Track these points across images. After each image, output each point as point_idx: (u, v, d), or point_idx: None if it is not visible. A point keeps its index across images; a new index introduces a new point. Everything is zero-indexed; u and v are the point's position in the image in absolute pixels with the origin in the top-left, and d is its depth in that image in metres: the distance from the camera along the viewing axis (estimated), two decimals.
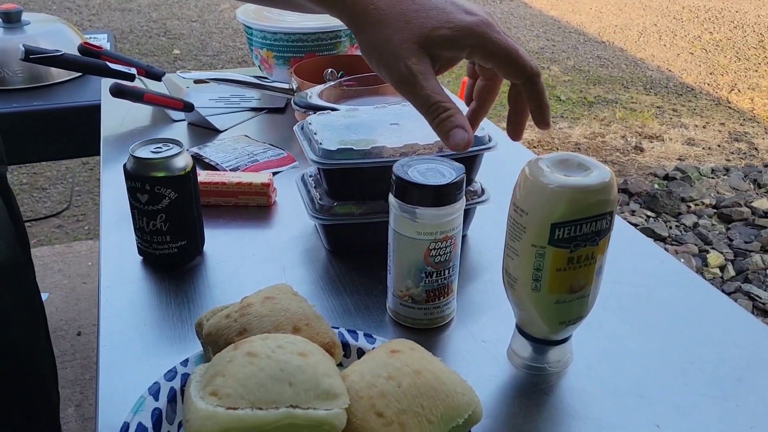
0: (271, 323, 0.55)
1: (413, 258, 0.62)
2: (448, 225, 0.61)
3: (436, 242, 0.61)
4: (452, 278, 0.65)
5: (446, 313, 0.66)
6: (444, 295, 0.65)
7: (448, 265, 0.63)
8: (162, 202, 0.70)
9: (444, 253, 0.62)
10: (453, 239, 0.62)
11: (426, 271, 0.63)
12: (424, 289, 0.64)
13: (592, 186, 0.52)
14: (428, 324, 0.66)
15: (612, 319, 0.67)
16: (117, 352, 0.63)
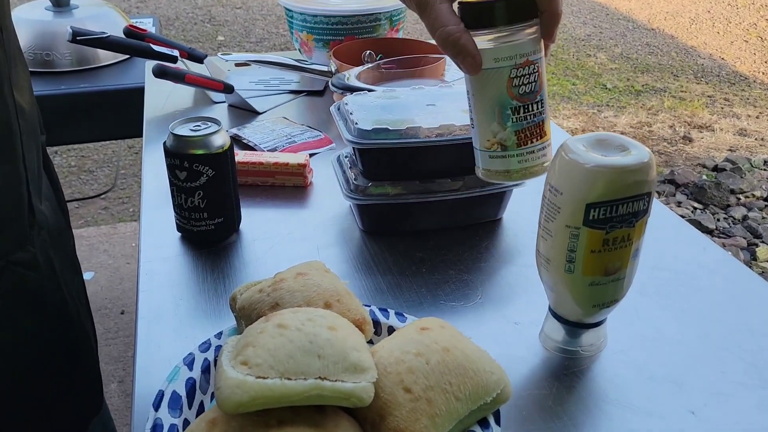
0: (302, 298, 0.56)
1: (495, 94, 0.56)
2: (528, 47, 0.54)
3: (518, 68, 0.54)
4: (544, 116, 0.57)
5: (542, 160, 0.58)
6: (537, 137, 0.57)
7: (536, 98, 0.56)
8: (200, 179, 0.72)
9: (529, 82, 0.55)
10: (536, 66, 0.55)
11: (512, 106, 0.55)
12: (512, 130, 0.56)
13: (629, 166, 0.51)
14: (525, 174, 0.58)
15: (649, 304, 0.66)
16: (154, 324, 0.64)
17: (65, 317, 0.77)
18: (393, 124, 0.72)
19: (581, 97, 3.59)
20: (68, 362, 0.79)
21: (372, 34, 1.21)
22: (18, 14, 1.52)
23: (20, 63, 0.72)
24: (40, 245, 0.72)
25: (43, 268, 0.72)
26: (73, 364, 0.80)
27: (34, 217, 0.71)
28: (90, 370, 0.83)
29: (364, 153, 0.74)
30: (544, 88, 0.56)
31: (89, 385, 0.84)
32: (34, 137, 0.73)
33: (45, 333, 0.74)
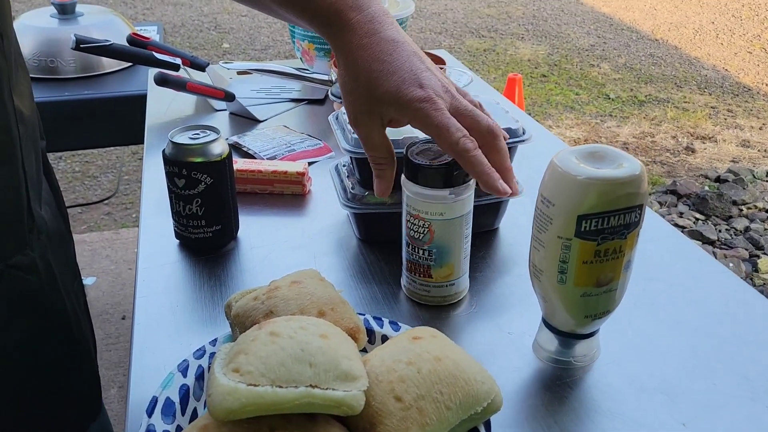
0: (296, 306, 0.56)
1: (402, 226, 0.67)
2: (418, 205, 0.63)
3: (409, 215, 0.64)
4: (431, 263, 0.65)
5: (423, 293, 0.68)
6: (421, 274, 0.66)
7: (423, 246, 0.64)
8: (198, 186, 0.72)
9: (417, 231, 0.64)
10: (427, 223, 0.63)
11: (406, 240, 0.66)
12: (405, 258, 0.68)
13: (621, 178, 0.51)
14: (410, 294, 0.69)
15: (642, 315, 0.66)
16: (150, 330, 0.65)
17: (64, 322, 0.78)
18: (390, 133, 0.72)
19: (584, 107, 3.59)
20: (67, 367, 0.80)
21: None
22: (23, 21, 1.54)
23: (21, 69, 0.72)
24: (40, 249, 0.73)
25: (42, 273, 0.72)
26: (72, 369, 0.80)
27: (33, 222, 0.72)
28: (89, 374, 0.84)
29: (361, 162, 0.74)
30: (439, 244, 0.64)
31: (88, 389, 0.84)
32: (33, 142, 0.74)
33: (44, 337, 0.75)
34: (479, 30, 4.79)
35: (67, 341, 0.78)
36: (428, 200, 0.62)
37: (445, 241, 0.64)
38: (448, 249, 0.65)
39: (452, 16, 5.10)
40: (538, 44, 4.53)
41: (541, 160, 0.89)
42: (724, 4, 5.45)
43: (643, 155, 3.12)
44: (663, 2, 5.52)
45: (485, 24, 4.93)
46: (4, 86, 0.65)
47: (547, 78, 3.98)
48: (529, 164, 0.85)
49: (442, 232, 0.63)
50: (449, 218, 0.63)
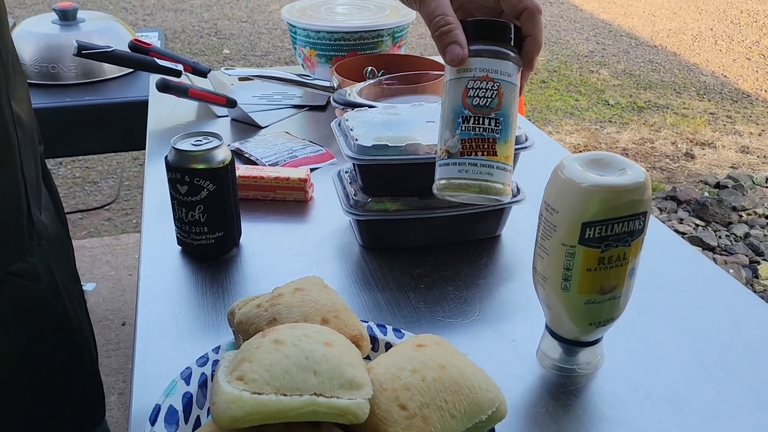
0: (300, 314, 0.56)
1: (453, 102, 0.57)
2: (490, 64, 0.56)
3: (475, 80, 0.56)
4: (497, 135, 0.56)
5: (485, 177, 0.56)
6: (483, 151, 0.56)
7: (489, 114, 0.56)
8: (200, 193, 0.72)
9: (484, 96, 0.56)
10: (496, 84, 0.56)
11: (463, 115, 0.56)
12: (459, 138, 0.56)
13: (625, 185, 0.51)
14: (464, 188, 0.57)
15: (646, 323, 0.66)
16: (153, 337, 0.65)
17: (66, 328, 0.78)
18: (393, 140, 0.72)
19: (584, 113, 3.60)
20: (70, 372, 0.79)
21: (374, 50, 1.22)
22: (25, 27, 1.54)
23: (19, 74, 0.73)
24: (40, 255, 0.73)
25: (43, 278, 0.72)
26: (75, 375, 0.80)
27: (33, 227, 0.72)
28: (91, 380, 0.84)
29: (363, 169, 0.74)
30: (506, 111, 0.56)
31: (90, 394, 0.84)
32: (32, 147, 0.74)
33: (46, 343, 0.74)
34: None
35: (69, 346, 0.78)
36: (499, 57, 0.56)
37: (510, 110, 0.57)
38: (511, 121, 0.57)
39: None
40: None
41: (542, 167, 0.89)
42: (723, 11, 5.47)
43: (643, 161, 3.12)
44: (662, 9, 5.54)
45: None
46: (2, 91, 0.65)
47: (547, 84, 3.98)
48: (531, 171, 0.85)
49: (509, 96, 0.56)
50: (514, 83, 0.57)
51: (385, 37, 1.22)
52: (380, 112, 0.80)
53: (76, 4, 1.56)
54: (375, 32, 1.20)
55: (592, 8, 5.52)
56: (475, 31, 0.57)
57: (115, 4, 5.18)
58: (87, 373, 0.82)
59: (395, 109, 0.80)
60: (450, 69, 0.58)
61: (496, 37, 0.57)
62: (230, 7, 5.26)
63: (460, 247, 0.79)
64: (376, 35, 1.20)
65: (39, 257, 0.72)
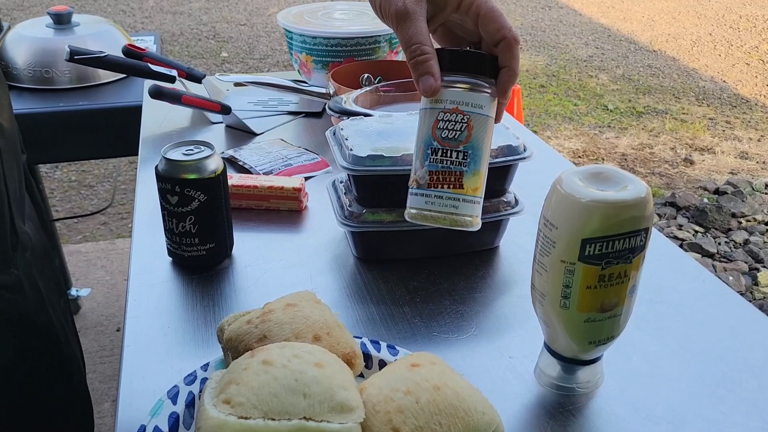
0: (291, 331, 0.54)
1: (425, 133, 0.57)
2: (461, 96, 0.55)
3: (444, 112, 0.55)
4: (464, 168, 0.56)
5: (450, 210, 0.57)
6: (449, 184, 0.56)
7: (458, 147, 0.56)
8: (191, 204, 0.71)
9: (453, 129, 0.56)
10: (466, 117, 0.55)
11: (432, 146, 0.56)
12: (427, 170, 0.56)
13: (626, 201, 0.50)
14: (431, 220, 0.57)
15: (647, 339, 0.65)
16: (140, 352, 0.63)
17: (52, 340, 0.76)
18: (388, 150, 0.71)
19: (583, 118, 3.59)
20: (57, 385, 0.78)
21: (371, 57, 1.20)
22: (19, 31, 1.52)
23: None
24: (24, 267, 0.71)
25: (27, 291, 0.70)
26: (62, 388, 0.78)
27: (17, 238, 0.70)
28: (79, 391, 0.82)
29: (358, 180, 0.73)
30: (475, 144, 0.56)
31: (79, 406, 0.83)
32: (14, 156, 0.72)
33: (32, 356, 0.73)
34: None
35: (55, 359, 0.77)
36: (471, 89, 0.55)
37: (480, 143, 0.56)
38: (481, 153, 0.57)
39: None
40: (537, 55, 4.53)
41: (541, 176, 0.87)
42: (722, 16, 5.47)
43: (642, 167, 3.11)
44: (661, 13, 5.54)
45: None
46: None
47: (546, 88, 3.97)
48: (529, 180, 0.84)
49: (479, 130, 0.56)
50: (486, 114, 0.56)
51: (382, 44, 1.20)
52: (376, 121, 0.78)
53: (71, 8, 1.54)
54: (372, 38, 1.19)
55: (591, 13, 5.52)
56: (449, 62, 0.56)
57: (113, 7, 5.17)
58: (74, 386, 0.80)
59: (391, 118, 0.79)
60: (424, 98, 0.58)
61: (469, 68, 0.56)
62: (229, 10, 5.25)
63: (457, 259, 0.77)
64: (373, 41, 1.19)
65: (23, 269, 0.70)
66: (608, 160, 3.16)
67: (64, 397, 0.78)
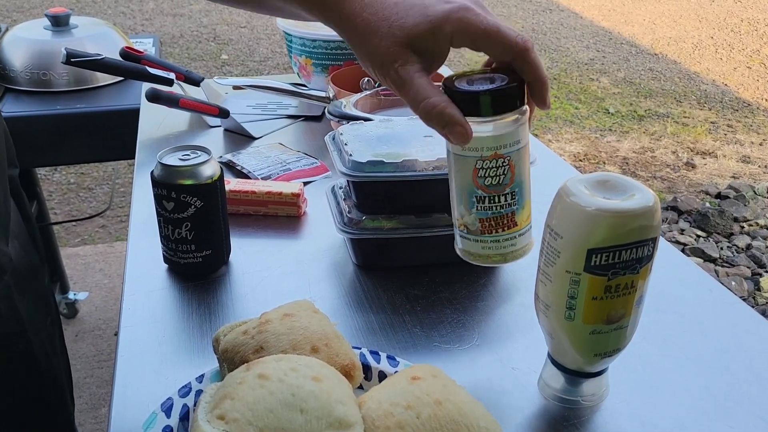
0: (288, 342, 0.53)
1: (463, 180, 0.54)
2: (496, 141, 0.52)
3: (483, 160, 0.52)
4: (515, 207, 0.54)
5: (509, 249, 0.56)
6: (504, 227, 0.55)
7: (504, 191, 0.53)
8: (187, 210, 0.69)
9: (496, 175, 0.53)
10: (507, 159, 0.52)
11: (477, 195, 0.54)
12: (476, 217, 0.55)
13: (633, 210, 0.48)
14: (489, 261, 0.57)
15: (653, 350, 0.63)
16: (134, 362, 0.61)
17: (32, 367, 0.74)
18: (388, 156, 0.69)
19: (584, 122, 3.57)
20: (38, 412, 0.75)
21: None
22: (16, 33, 1.51)
23: None
24: (3, 291, 0.69)
25: (5, 316, 0.68)
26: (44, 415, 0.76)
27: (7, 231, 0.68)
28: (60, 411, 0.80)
29: (358, 186, 0.71)
30: (520, 179, 0.54)
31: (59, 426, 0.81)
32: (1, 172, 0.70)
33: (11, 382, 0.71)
34: None
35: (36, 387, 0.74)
36: (507, 128, 0.52)
37: (524, 176, 0.54)
38: (526, 185, 0.55)
39: None
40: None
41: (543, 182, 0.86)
42: (723, 19, 5.46)
43: (643, 170, 3.10)
44: (662, 17, 5.53)
45: None
46: None
47: None
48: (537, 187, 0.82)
49: (520, 163, 0.53)
50: (524, 144, 0.53)
51: None
52: (376, 126, 0.77)
53: (70, 10, 1.53)
54: None
55: (592, 16, 5.51)
56: (472, 106, 0.51)
57: (113, 9, 5.16)
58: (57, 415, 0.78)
59: (391, 123, 0.78)
60: None
61: (499, 110, 0.51)
62: (229, 12, 5.24)
63: (458, 266, 0.75)
64: None
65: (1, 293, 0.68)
66: (609, 164, 3.14)
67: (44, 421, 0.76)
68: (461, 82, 0.52)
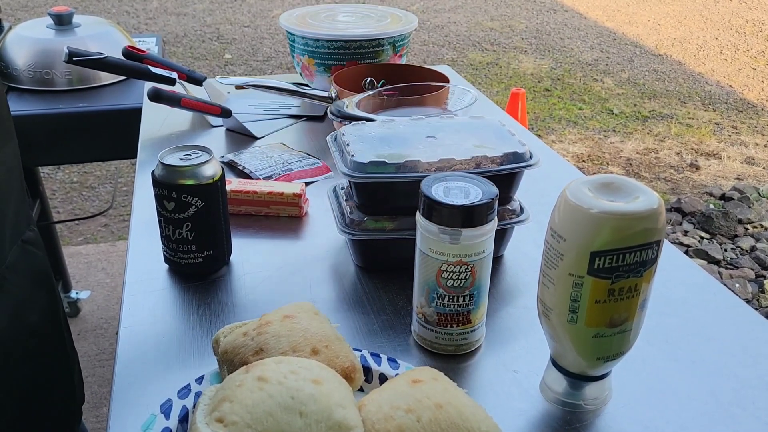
0: (288, 344, 0.53)
1: (427, 276, 0.59)
2: (462, 250, 0.56)
3: (448, 265, 0.57)
4: (471, 307, 0.59)
5: (461, 343, 0.61)
6: (459, 323, 0.60)
7: (464, 293, 0.58)
8: (188, 210, 0.69)
9: (458, 278, 0.57)
10: (470, 266, 0.57)
11: (437, 292, 0.59)
12: (435, 311, 0.60)
13: (638, 213, 0.48)
14: (440, 349, 0.62)
15: (656, 354, 0.62)
16: (134, 363, 0.61)
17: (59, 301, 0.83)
18: (391, 157, 0.69)
19: (587, 122, 3.56)
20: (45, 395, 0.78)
21: (375, 60, 1.18)
22: (19, 32, 1.51)
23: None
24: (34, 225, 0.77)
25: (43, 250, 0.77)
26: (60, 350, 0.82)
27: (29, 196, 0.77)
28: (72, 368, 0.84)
29: (360, 187, 0.71)
30: (478, 282, 0.58)
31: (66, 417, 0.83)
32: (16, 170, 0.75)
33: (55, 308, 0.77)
34: (482, 43, 4.77)
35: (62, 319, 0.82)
36: (477, 239, 0.56)
37: (484, 280, 0.59)
38: (485, 284, 0.59)
39: (455, 29, 5.09)
40: (541, 58, 4.51)
41: (546, 183, 0.86)
42: (728, 20, 5.44)
43: (647, 172, 3.09)
44: (666, 17, 5.51)
45: (488, 37, 4.91)
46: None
47: (550, 92, 3.95)
48: (535, 187, 0.82)
49: (482, 269, 0.58)
50: (488, 253, 0.58)
51: (386, 47, 1.19)
52: (378, 126, 0.76)
53: (73, 9, 1.53)
54: (375, 41, 1.17)
55: (596, 16, 5.50)
56: (452, 217, 0.55)
57: (117, 8, 5.16)
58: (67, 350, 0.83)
59: (394, 123, 0.77)
60: (420, 237, 0.58)
61: (481, 219, 0.56)
62: (232, 11, 5.24)
63: None
64: (377, 44, 1.17)
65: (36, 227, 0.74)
66: (613, 165, 3.13)
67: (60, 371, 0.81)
68: (438, 191, 0.56)
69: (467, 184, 0.58)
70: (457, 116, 0.86)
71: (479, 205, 0.55)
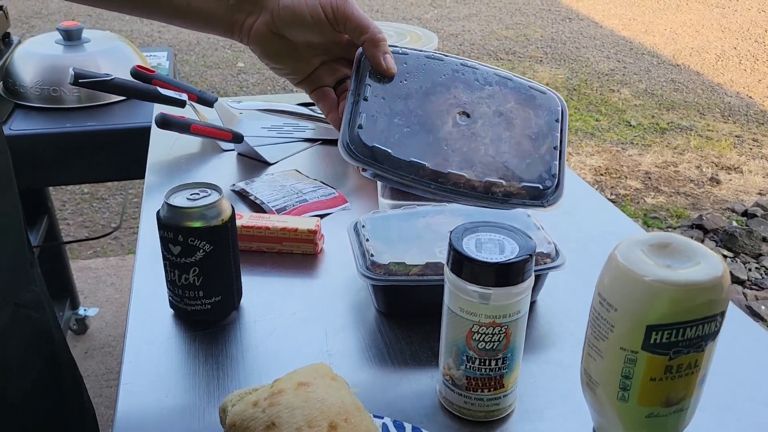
0: (303, 417, 0.47)
1: (455, 335, 0.54)
2: (496, 311, 0.51)
3: (480, 326, 0.52)
4: (504, 371, 0.54)
5: (492, 408, 0.56)
6: (490, 388, 0.55)
7: (497, 356, 0.53)
8: (196, 254, 0.64)
9: (491, 341, 0.53)
10: (505, 328, 0.52)
11: (467, 354, 0.54)
12: (464, 375, 0.55)
13: (700, 283, 0.42)
14: (469, 415, 0.56)
15: (708, 423, 0.57)
16: (133, 427, 0.56)
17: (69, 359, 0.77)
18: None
19: (605, 134, 3.50)
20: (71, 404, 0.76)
21: None
22: (27, 48, 1.47)
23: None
24: (40, 284, 0.70)
25: (46, 309, 0.70)
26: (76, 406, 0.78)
27: (32, 254, 0.70)
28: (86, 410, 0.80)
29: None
30: (513, 344, 0.54)
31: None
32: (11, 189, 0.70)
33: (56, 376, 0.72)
34: (497, 52, 4.72)
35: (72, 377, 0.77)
36: (512, 299, 0.51)
37: (519, 339, 0.54)
38: (519, 346, 0.55)
39: (470, 37, 5.04)
40: (557, 68, 4.45)
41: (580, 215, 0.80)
42: (747, 29, 5.35)
43: (667, 186, 3.02)
44: (684, 27, 5.43)
45: (503, 46, 4.85)
46: None
47: (566, 103, 3.89)
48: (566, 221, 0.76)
49: (517, 331, 0.53)
50: (524, 314, 0.53)
51: None
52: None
53: (82, 24, 1.49)
54: None
55: (612, 25, 5.43)
56: (477, 275, 0.51)
57: (129, 17, 5.15)
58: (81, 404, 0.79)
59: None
60: (449, 294, 0.53)
61: (519, 278, 0.51)
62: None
63: None
64: None
65: (40, 286, 0.68)
66: (631, 179, 3.07)
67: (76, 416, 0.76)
68: (469, 244, 0.51)
69: (501, 236, 0.53)
70: None
71: (516, 263, 0.50)
